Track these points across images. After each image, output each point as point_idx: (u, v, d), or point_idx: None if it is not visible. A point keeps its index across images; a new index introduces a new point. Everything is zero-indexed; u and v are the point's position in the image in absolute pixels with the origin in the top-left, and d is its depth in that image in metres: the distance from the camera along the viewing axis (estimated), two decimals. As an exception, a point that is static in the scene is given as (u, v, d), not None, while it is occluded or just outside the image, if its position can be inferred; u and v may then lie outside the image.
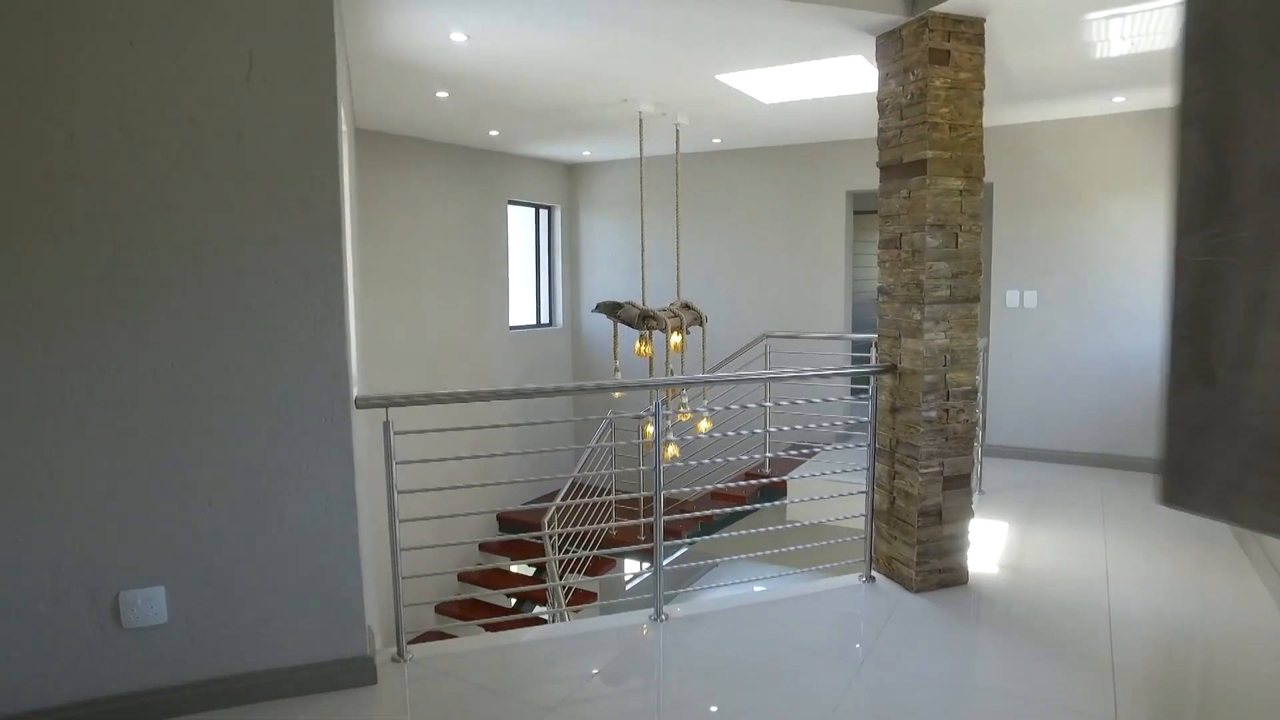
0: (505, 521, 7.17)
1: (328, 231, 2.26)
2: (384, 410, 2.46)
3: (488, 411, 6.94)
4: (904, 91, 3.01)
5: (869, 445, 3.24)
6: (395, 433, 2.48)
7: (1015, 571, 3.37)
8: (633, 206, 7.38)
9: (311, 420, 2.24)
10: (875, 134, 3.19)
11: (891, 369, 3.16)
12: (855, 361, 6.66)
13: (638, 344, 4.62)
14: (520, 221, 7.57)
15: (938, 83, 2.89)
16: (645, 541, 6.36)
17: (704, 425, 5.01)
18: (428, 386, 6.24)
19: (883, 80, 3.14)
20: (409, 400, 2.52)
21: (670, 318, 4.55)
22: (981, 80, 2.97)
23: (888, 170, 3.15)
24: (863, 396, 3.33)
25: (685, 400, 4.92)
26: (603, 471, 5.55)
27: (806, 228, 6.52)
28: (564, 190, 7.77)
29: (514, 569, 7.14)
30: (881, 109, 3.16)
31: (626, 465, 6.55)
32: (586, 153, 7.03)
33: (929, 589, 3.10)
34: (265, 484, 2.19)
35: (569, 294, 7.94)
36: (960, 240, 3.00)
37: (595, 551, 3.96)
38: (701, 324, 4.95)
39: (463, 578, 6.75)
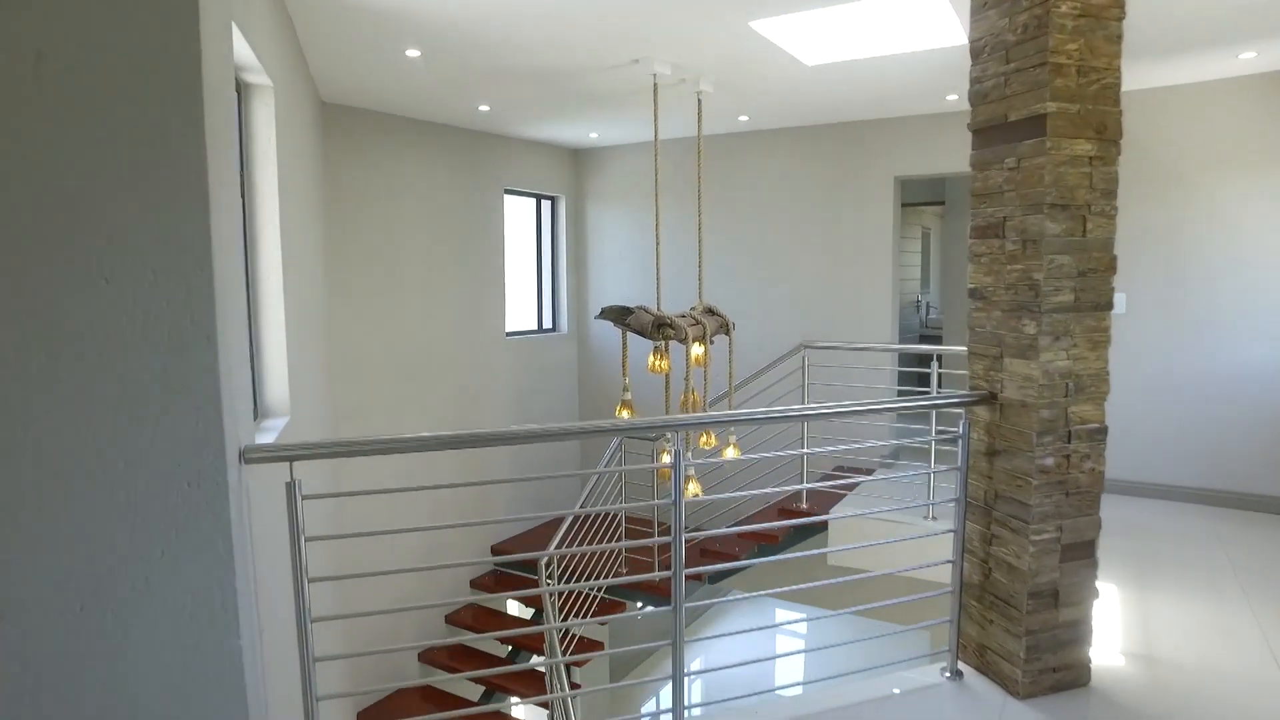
0: (501, 554, 6.47)
1: (190, 208, 1.55)
2: (286, 465, 1.75)
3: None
4: (1011, 25, 2.28)
5: (957, 498, 2.51)
6: (305, 496, 1.77)
7: (1149, 664, 2.63)
8: (646, 196, 6.67)
9: (164, 487, 1.53)
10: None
11: (989, 399, 2.43)
12: (905, 379, 5.92)
13: (652, 357, 3.91)
14: (519, 214, 6.87)
15: (1063, 8, 2.16)
16: (661, 579, 5.72)
17: (730, 453, 4.28)
18: (407, 403, 5.56)
19: (978, 12, 2.41)
20: (322, 450, 1.81)
21: (691, 325, 3.83)
22: (1121, 7, 2.24)
23: (986, 134, 2.42)
24: (940, 431, 2.59)
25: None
26: (612, 506, 4.83)
27: (848, 220, 5.78)
28: (569, 178, 7.06)
29: (512, 607, 6.43)
30: (976, 52, 2.43)
31: (639, 495, 5.82)
32: (593, 135, 6.32)
33: (1040, 693, 2.38)
34: (89, 595, 1.48)
35: (575, 295, 7.23)
36: (1089, 226, 2.28)
37: (604, 582, 3.24)
38: (728, 332, 4.23)
39: (450, 620, 6.05)
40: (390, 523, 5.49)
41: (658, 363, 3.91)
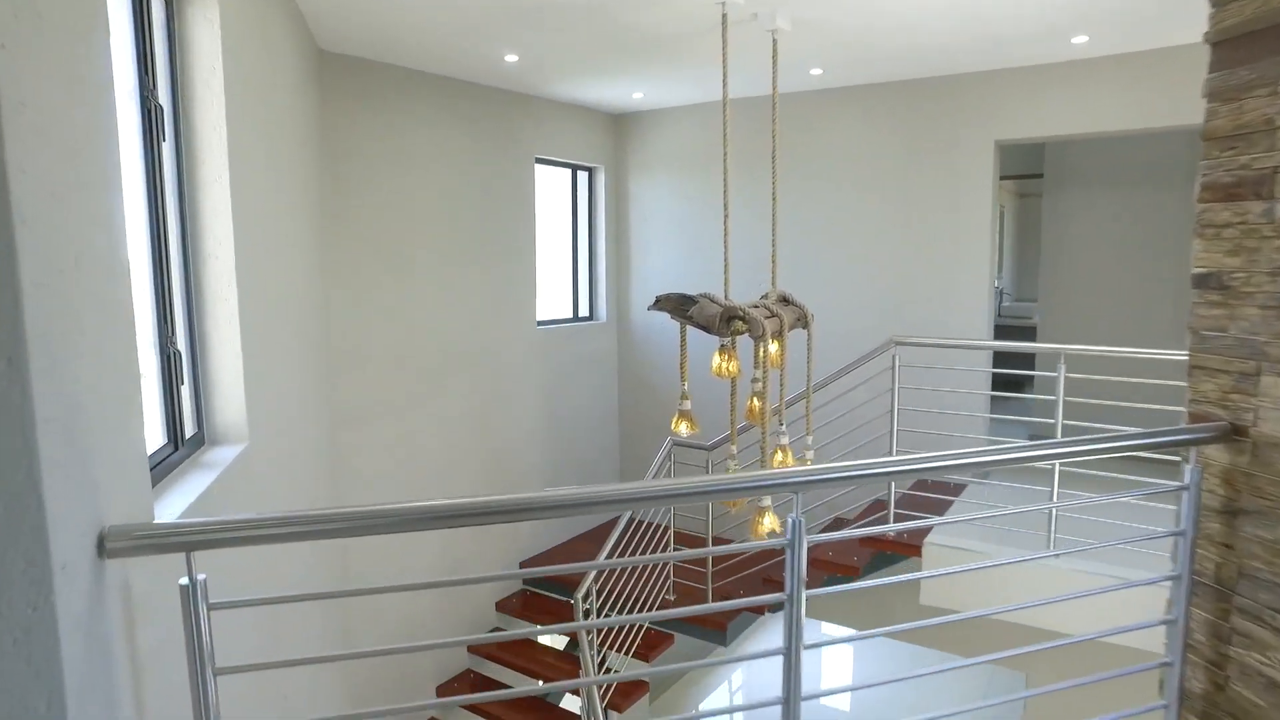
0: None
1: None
2: (182, 558, 1.10)
3: (465, 434, 5.65)
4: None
5: (1177, 574, 1.79)
6: (213, 606, 1.12)
7: None
8: (698, 168, 5.96)
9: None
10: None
11: (1230, 434, 1.71)
12: (1001, 383, 5.16)
13: (717, 358, 3.22)
14: (552, 187, 6.19)
15: None
16: (714, 608, 5.04)
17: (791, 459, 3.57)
18: (421, 405, 4.93)
19: None
20: (236, 532, 1.15)
21: (767, 318, 3.13)
22: None
23: (1240, 45, 1.69)
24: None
25: (784, 430, 3.50)
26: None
27: (936, 194, 5.02)
28: (609, 147, 6.36)
29: (542, 636, 5.80)
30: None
31: (694, 511, 5.15)
32: (637, 95, 5.61)
33: None
34: None
35: (614, 280, 6.55)
36: None
37: (650, 613, 2.58)
38: (807, 325, 3.53)
39: (474, 650, 5.44)
40: (405, 538, 4.89)
41: (725, 364, 3.22)
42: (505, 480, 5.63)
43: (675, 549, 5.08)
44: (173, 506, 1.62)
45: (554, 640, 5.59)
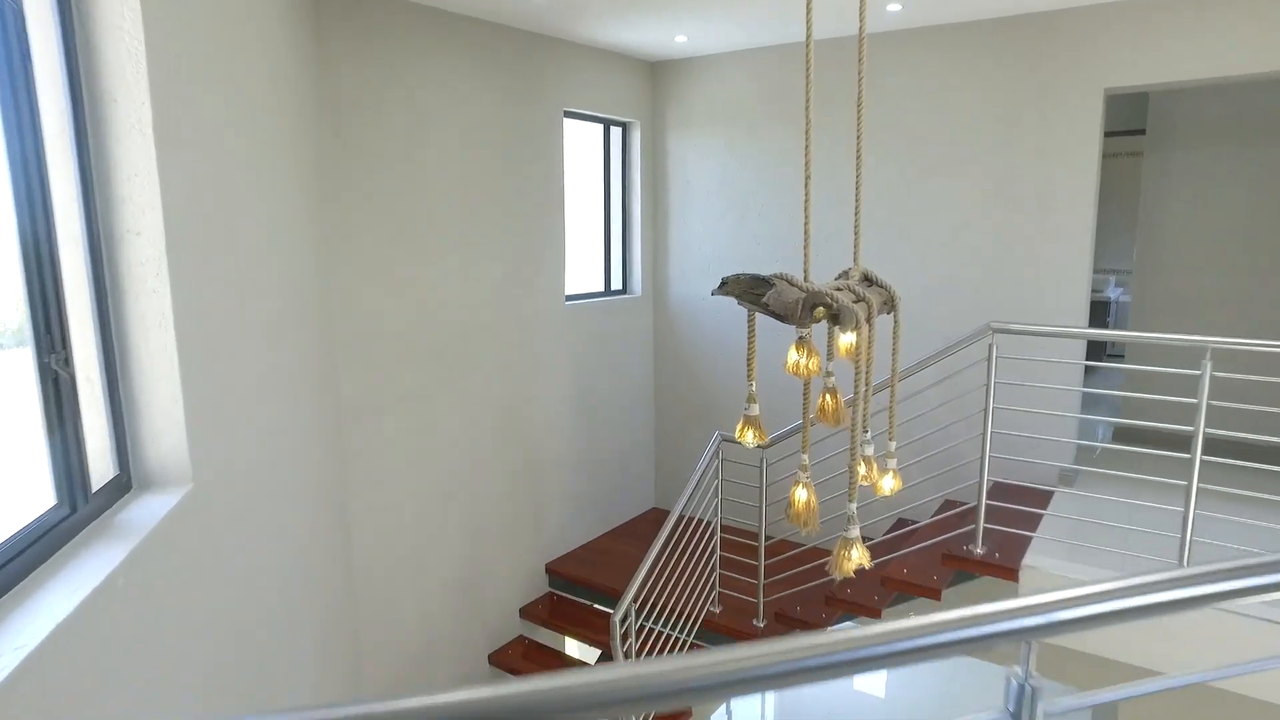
0: (558, 576, 5.35)
1: None
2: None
3: (481, 414, 5.14)
4: None
5: None
6: None
7: None
8: (750, 122, 5.34)
9: None
10: None
11: None
12: (1099, 376, 4.53)
13: (794, 352, 2.64)
14: (583, 144, 5.59)
15: None
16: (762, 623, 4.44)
17: (888, 487, 3.02)
18: (438, 392, 4.37)
19: None
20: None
21: (854, 302, 2.56)
22: None
23: None
24: None
25: (868, 439, 2.93)
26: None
27: (1032, 152, 4.36)
28: (646, 98, 5.74)
29: (571, 646, 5.32)
30: None
31: (742, 502, 4.62)
32: (680, 39, 4.98)
33: None
34: None
35: (651, 250, 5.96)
36: None
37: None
38: (893, 309, 2.93)
39: (495, 660, 4.97)
40: (421, 539, 4.41)
41: (804, 361, 2.64)
42: (533, 476, 5.12)
43: (721, 553, 4.55)
44: (56, 604, 1.09)
45: (582, 648, 5.10)
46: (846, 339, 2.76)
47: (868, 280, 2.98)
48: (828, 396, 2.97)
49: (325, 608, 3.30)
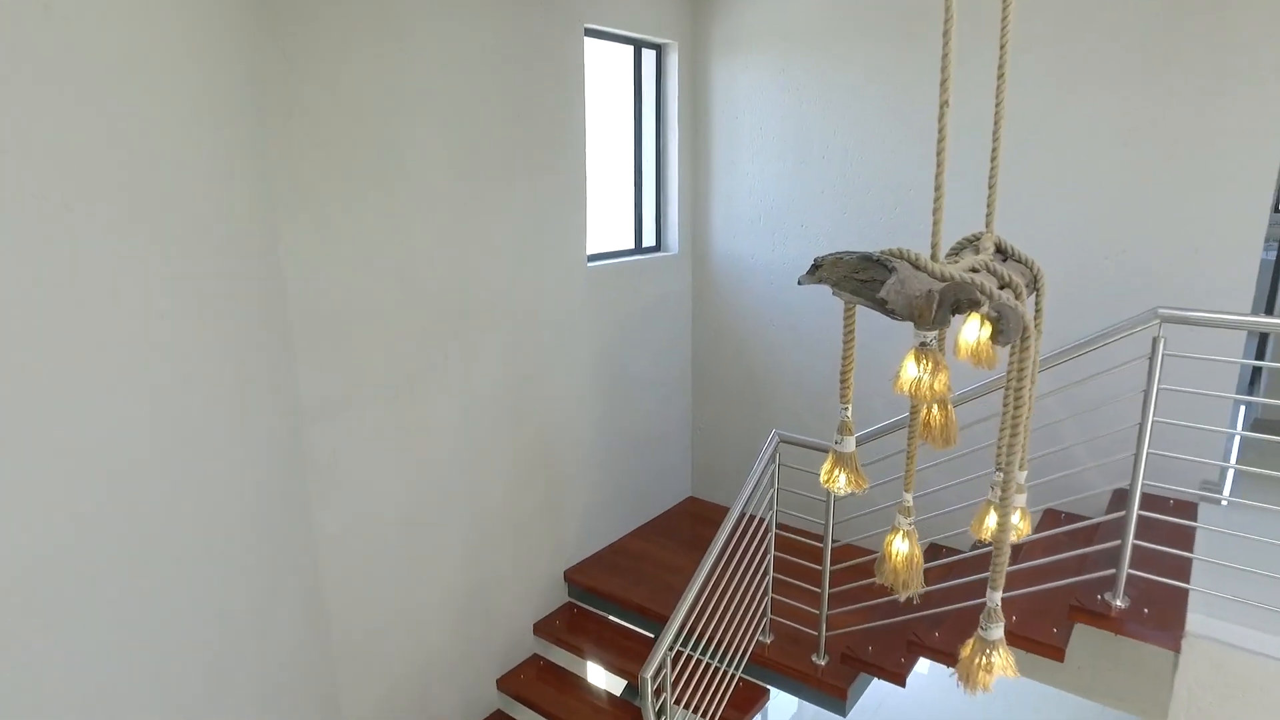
0: (578, 586, 4.62)
1: None
2: None
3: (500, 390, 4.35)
4: None
5: None
6: None
7: None
8: (814, 44, 4.41)
9: None
10: None
11: None
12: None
13: (914, 365, 1.81)
14: (608, 70, 4.69)
15: None
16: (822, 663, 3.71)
17: (1018, 529, 2.19)
18: (428, 379, 3.50)
19: None
20: None
21: (999, 287, 1.71)
22: None
23: None
24: None
25: (1022, 486, 2.11)
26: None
27: (1201, 86, 3.40)
28: (685, 12, 4.81)
29: (594, 674, 4.61)
30: None
31: (801, 500, 3.85)
32: (732, -65, 4.03)
33: None
34: None
35: (691, 199, 5.08)
36: None
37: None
38: (1036, 288, 2.07)
39: (504, 685, 4.28)
40: (411, 553, 3.70)
41: (928, 380, 1.81)
42: (550, 473, 4.35)
43: (775, 574, 3.78)
44: None
45: (607, 682, 4.39)
46: (967, 337, 1.93)
47: (1001, 253, 2.12)
48: (936, 410, 2.15)
49: (277, 650, 2.58)
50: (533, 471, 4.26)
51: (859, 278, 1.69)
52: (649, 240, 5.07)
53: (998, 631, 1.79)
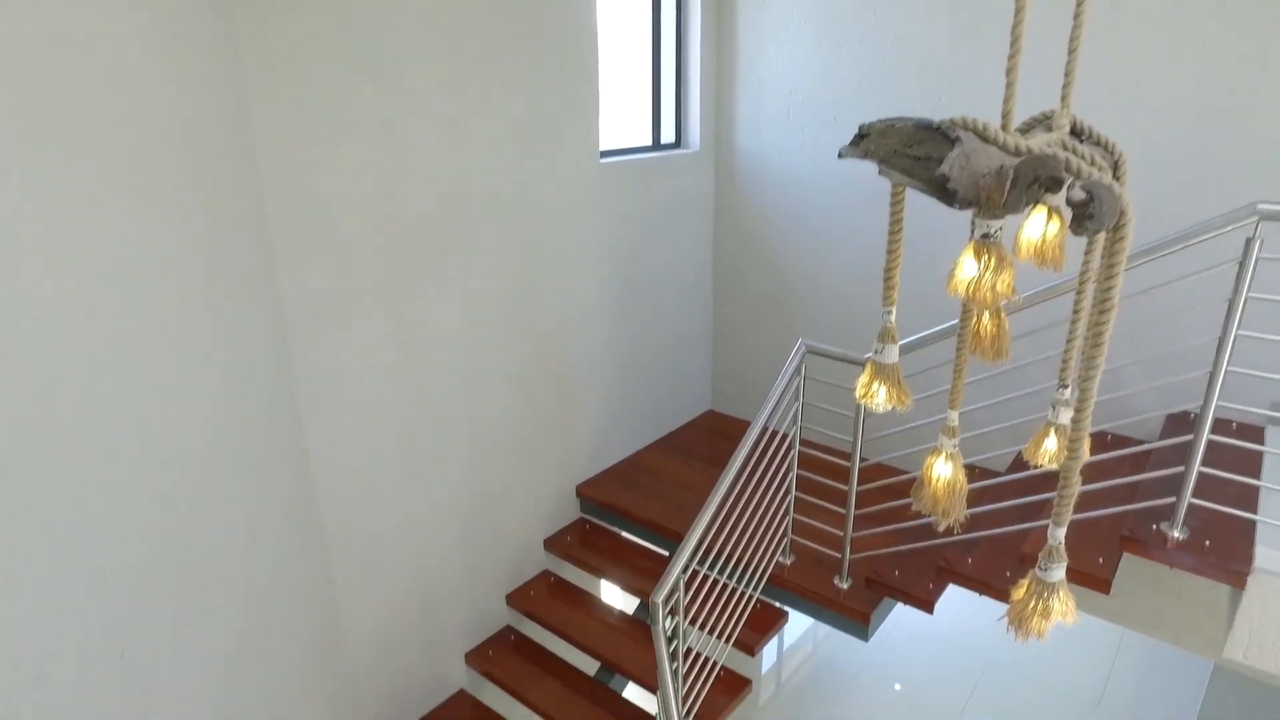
0: (591, 501, 4.46)
1: None
2: None
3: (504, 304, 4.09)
4: None
5: None
6: None
7: None
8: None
9: None
10: None
11: None
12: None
13: (973, 259, 1.51)
14: (625, -56, 4.28)
15: None
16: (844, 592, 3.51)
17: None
18: (422, 284, 3.24)
19: None
20: None
21: (1087, 165, 1.40)
22: None
23: None
24: None
25: (1066, 386, 1.84)
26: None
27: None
28: (711, -120, 4.34)
29: (608, 591, 4.50)
30: None
31: (829, 414, 3.61)
32: None
33: None
34: None
35: (714, 89, 4.69)
36: None
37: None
38: (1117, 174, 1.74)
39: (514, 601, 4.17)
40: (412, 467, 3.52)
41: (989, 280, 1.53)
42: (561, 383, 4.13)
43: (797, 493, 3.57)
44: None
45: (621, 601, 4.25)
46: (1028, 233, 1.64)
47: (1076, 134, 1.79)
48: (987, 318, 1.88)
49: (265, 565, 2.41)
50: (542, 382, 4.04)
51: (912, 154, 1.40)
52: (668, 136, 4.70)
53: (1059, 572, 1.55)
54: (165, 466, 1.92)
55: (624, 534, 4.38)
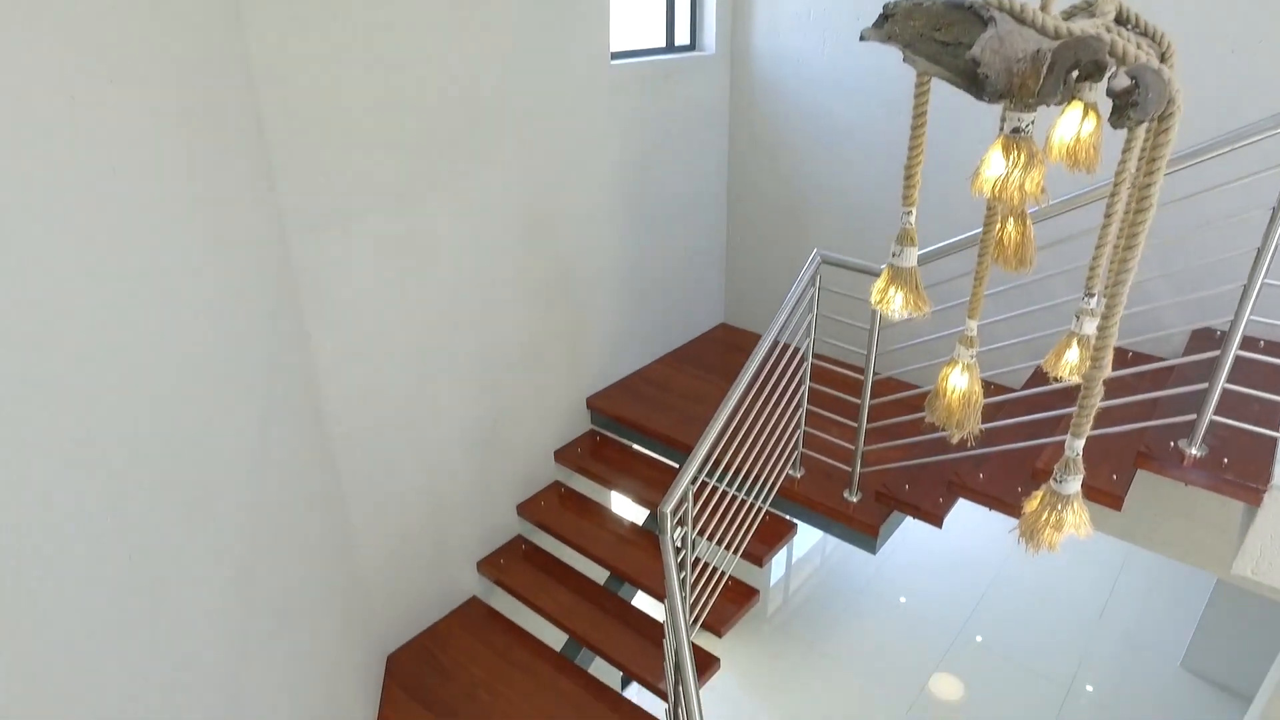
0: (601, 413, 4.45)
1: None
2: None
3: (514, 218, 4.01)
4: None
5: None
6: None
7: None
8: None
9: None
10: None
11: None
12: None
13: (1001, 155, 1.42)
14: None
15: None
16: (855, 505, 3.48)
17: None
18: (432, 188, 3.12)
19: None
20: None
21: (1133, 49, 1.31)
22: None
23: None
24: None
25: (1093, 296, 1.76)
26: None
27: None
28: None
29: (618, 502, 4.53)
30: None
31: (842, 327, 3.57)
32: None
33: None
34: None
35: (730, -12, 4.49)
36: None
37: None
38: (1165, 64, 1.62)
39: (524, 511, 4.21)
40: (421, 378, 3.51)
41: (1019, 177, 1.45)
42: (571, 295, 4.07)
43: (809, 406, 3.53)
44: None
45: (631, 510, 4.28)
46: (1060, 131, 1.57)
47: (1121, 23, 1.67)
48: (1012, 224, 1.81)
49: (274, 474, 2.42)
50: (552, 293, 3.98)
51: (940, 38, 1.29)
52: (682, 38, 4.50)
53: (1074, 485, 1.51)
54: (169, 372, 1.89)
55: (634, 446, 4.39)
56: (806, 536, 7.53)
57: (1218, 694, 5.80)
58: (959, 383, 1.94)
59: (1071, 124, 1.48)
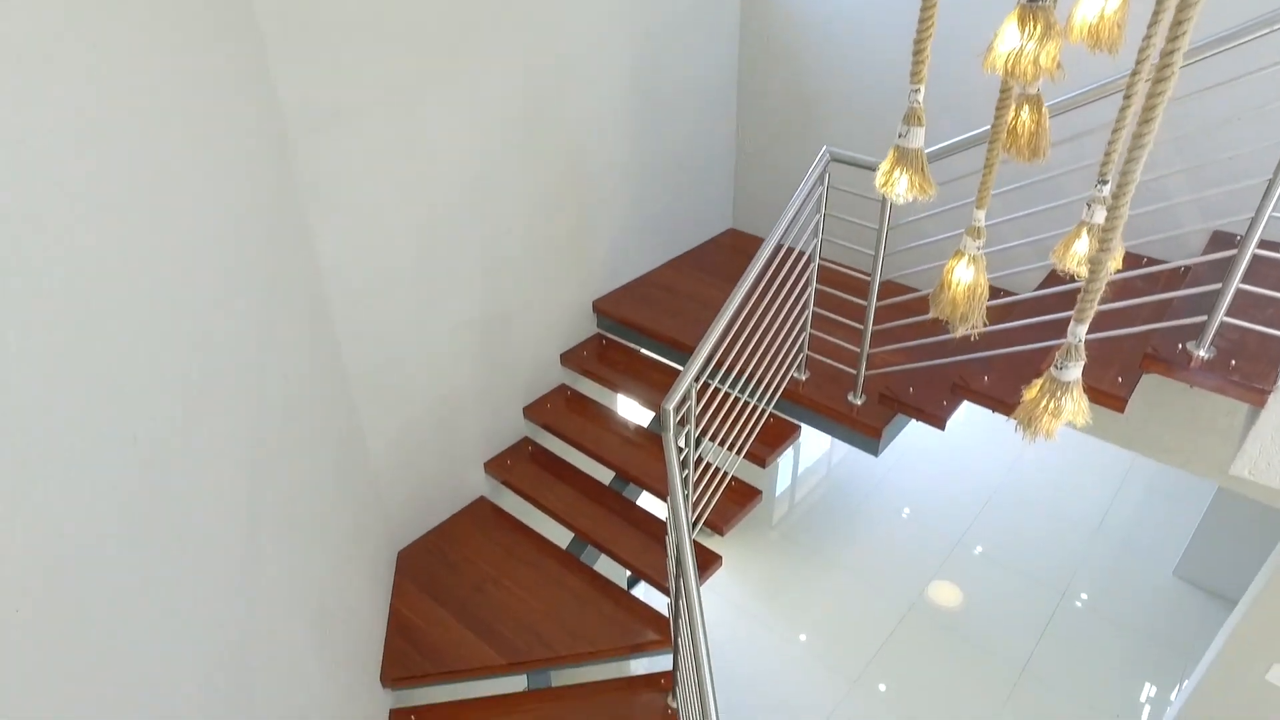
0: (607, 317, 4.44)
1: None
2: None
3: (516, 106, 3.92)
4: None
5: None
6: None
7: None
8: None
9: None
10: None
11: None
12: None
13: (1017, 28, 1.36)
14: None
15: None
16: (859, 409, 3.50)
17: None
18: (433, 85, 3.03)
19: None
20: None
21: None
22: None
23: None
24: None
25: (1105, 182, 1.72)
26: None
27: None
28: None
29: (624, 406, 4.55)
30: None
31: (853, 228, 3.53)
32: None
33: None
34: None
35: None
36: None
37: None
38: None
39: (531, 414, 4.25)
40: (424, 278, 3.49)
41: (1034, 51, 1.40)
42: (577, 197, 4.00)
43: (815, 308, 3.52)
44: None
45: (636, 413, 4.31)
46: (1082, 13, 1.51)
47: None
48: (1025, 111, 1.75)
49: (283, 372, 2.43)
50: (557, 195, 3.92)
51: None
52: (694, -74, 4.30)
53: (1075, 371, 1.50)
54: (168, 261, 1.87)
55: (641, 350, 4.39)
56: (813, 447, 7.61)
57: (1208, 599, 5.92)
58: (964, 275, 1.90)
59: (1095, 1, 1.42)
